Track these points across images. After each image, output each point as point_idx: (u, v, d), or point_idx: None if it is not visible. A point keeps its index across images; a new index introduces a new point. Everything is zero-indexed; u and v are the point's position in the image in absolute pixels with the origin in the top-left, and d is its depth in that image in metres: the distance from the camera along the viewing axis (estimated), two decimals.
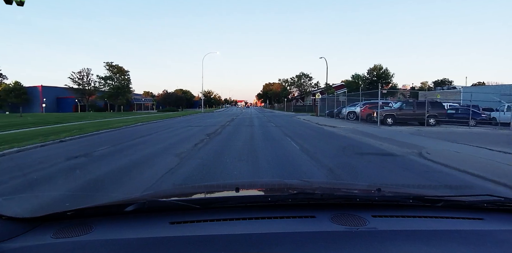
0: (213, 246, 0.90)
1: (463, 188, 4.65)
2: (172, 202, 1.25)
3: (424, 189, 4.47)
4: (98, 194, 4.22)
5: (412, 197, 1.27)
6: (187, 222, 1.05)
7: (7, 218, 1.03)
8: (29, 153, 7.84)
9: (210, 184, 2.98)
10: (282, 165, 6.22)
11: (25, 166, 6.14)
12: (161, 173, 5.30)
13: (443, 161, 6.41)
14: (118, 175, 5.29)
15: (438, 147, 8.46)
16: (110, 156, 7.22)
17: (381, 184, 4.10)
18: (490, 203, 1.24)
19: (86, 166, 6.09)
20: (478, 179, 5.12)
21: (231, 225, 1.05)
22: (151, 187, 4.45)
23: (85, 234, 0.97)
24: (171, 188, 3.95)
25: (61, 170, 5.69)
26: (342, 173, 5.51)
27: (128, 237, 0.96)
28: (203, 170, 5.64)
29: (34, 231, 1.01)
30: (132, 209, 1.08)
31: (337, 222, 1.05)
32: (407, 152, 7.78)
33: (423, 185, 4.70)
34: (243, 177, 5.25)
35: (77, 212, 1.10)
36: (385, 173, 5.59)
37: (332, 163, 6.32)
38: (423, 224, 1.10)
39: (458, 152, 7.63)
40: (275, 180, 3.50)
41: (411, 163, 6.52)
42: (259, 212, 1.13)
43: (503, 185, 4.71)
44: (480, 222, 1.15)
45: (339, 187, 2.02)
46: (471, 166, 5.82)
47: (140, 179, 5.01)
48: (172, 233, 0.97)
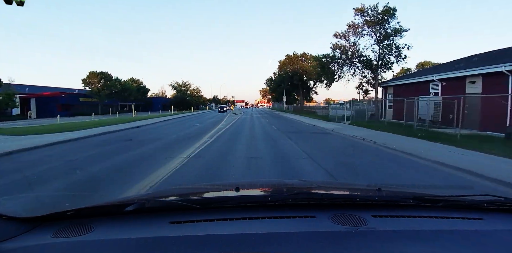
0: (213, 246, 0.90)
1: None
2: (172, 202, 1.25)
3: (424, 189, 4.47)
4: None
5: (412, 197, 1.27)
6: (187, 222, 1.05)
7: (7, 218, 1.03)
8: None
9: (210, 184, 2.98)
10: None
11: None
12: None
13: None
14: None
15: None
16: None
17: (381, 184, 4.08)
18: (490, 203, 1.24)
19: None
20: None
21: (231, 225, 1.05)
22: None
23: (85, 234, 0.97)
24: (171, 188, 3.94)
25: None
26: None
27: (128, 237, 0.96)
28: None
29: (34, 231, 1.01)
30: (132, 209, 1.08)
31: (337, 222, 1.05)
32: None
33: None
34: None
35: (77, 212, 1.10)
36: None
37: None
38: (423, 224, 1.10)
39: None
40: (275, 180, 3.50)
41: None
42: (259, 212, 1.13)
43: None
44: (480, 222, 1.15)
45: (339, 187, 2.02)
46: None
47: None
48: (172, 233, 0.97)
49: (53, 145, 9.65)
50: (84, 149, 8.96)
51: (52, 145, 9.62)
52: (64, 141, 10.46)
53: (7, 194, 4.65)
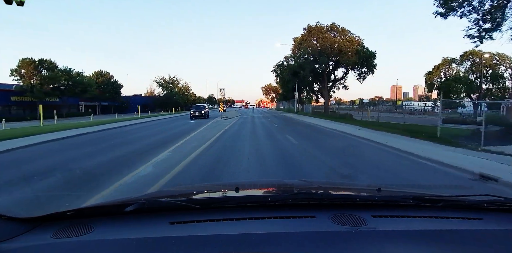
0: (213, 246, 0.90)
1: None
2: (172, 202, 1.25)
3: (424, 189, 4.47)
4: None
5: (412, 197, 1.27)
6: (187, 222, 1.05)
7: (7, 218, 1.03)
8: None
9: (210, 184, 2.99)
10: None
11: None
12: None
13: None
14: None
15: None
16: None
17: (381, 184, 4.09)
18: (490, 203, 1.24)
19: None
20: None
21: (231, 225, 1.05)
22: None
23: (85, 234, 0.97)
24: (171, 188, 3.95)
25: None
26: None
27: (128, 237, 0.96)
28: None
29: (34, 231, 1.01)
30: (132, 209, 1.08)
31: (337, 222, 1.05)
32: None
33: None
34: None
35: (77, 212, 1.10)
36: None
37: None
38: (423, 224, 1.10)
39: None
40: (275, 180, 3.50)
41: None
42: (259, 212, 1.13)
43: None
44: (480, 222, 1.15)
45: (339, 187, 2.02)
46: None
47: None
48: (172, 233, 0.97)
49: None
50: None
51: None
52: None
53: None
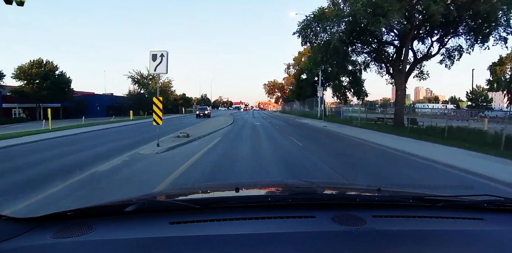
0: (213, 246, 0.90)
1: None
2: (172, 202, 1.25)
3: (424, 189, 4.47)
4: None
5: (412, 197, 1.27)
6: (187, 222, 1.05)
7: (7, 218, 1.03)
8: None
9: (210, 184, 2.98)
10: None
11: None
12: None
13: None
14: None
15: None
16: None
17: (381, 184, 4.09)
18: (490, 203, 1.24)
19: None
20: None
21: (231, 225, 1.05)
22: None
23: (85, 234, 0.97)
24: (171, 188, 3.95)
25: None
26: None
27: (128, 237, 0.96)
28: None
29: (34, 231, 1.01)
30: (132, 209, 1.08)
31: (337, 222, 1.04)
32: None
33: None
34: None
35: (77, 212, 1.10)
36: None
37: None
38: (423, 224, 1.10)
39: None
40: (275, 180, 3.50)
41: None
42: (259, 212, 1.13)
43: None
44: (480, 222, 1.15)
45: (339, 187, 2.03)
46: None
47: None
48: (172, 233, 0.97)
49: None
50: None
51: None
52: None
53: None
